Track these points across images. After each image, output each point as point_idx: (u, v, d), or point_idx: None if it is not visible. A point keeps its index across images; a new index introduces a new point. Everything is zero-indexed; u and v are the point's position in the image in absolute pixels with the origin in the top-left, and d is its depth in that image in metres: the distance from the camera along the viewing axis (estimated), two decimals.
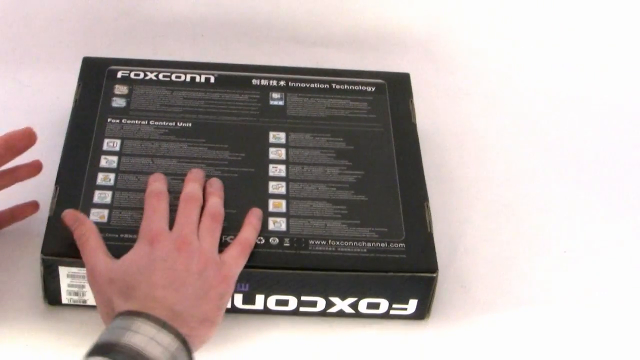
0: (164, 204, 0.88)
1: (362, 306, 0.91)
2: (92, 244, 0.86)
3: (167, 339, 0.77)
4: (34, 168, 0.95)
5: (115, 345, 0.75)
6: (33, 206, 0.96)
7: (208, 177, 0.94)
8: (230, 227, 0.90)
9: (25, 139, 0.92)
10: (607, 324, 0.95)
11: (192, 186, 0.91)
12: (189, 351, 0.78)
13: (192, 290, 0.82)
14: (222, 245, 0.87)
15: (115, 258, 0.85)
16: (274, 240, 0.90)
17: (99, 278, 0.84)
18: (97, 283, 0.84)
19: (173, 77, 1.05)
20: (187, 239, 0.85)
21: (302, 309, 0.91)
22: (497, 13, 1.25)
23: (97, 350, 0.75)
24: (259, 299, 0.90)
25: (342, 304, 0.91)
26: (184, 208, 0.88)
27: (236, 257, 0.86)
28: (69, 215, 0.88)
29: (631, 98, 1.21)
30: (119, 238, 0.88)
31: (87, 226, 0.87)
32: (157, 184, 0.91)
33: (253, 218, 0.90)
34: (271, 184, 0.95)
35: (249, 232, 0.89)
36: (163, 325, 0.78)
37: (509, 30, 1.25)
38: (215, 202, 0.90)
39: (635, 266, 1.00)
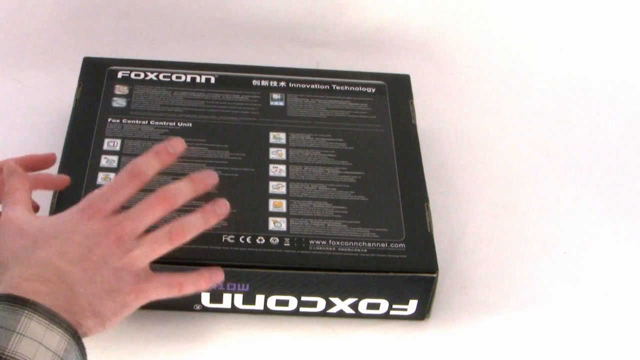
0: (135, 187, 0.81)
1: (362, 306, 0.91)
2: (17, 196, 0.80)
3: (56, 338, 0.69)
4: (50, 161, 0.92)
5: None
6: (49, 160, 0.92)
7: None
8: (230, 227, 0.90)
9: (44, 162, 0.91)
10: (607, 325, 0.95)
11: (182, 186, 0.82)
12: (79, 343, 0.72)
13: (100, 279, 0.75)
14: None
15: (37, 215, 0.80)
16: (274, 240, 0.90)
17: (8, 226, 0.77)
18: (4, 232, 0.77)
19: (173, 78, 1.05)
20: (125, 235, 0.78)
21: (302, 309, 0.91)
22: (497, 14, 1.25)
23: None
24: (259, 299, 0.90)
25: (342, 304, 0.91)
26: (150, 203, 0.80)
27: (160, 285, 0.79)
28: (8, 167, 0.83)
29: (631, 98, 1.21)
30: None
31: (20, 179, 0.82)
32: (150, 161, 0.82)
33: (205, 275, 0.83)
34: (272, 183, 0.95)
35: (189, 281, 0.82)
36: (52, 318, 0.70)
37: (509, 31, 1.25)
38: (189, 224, 0.81)
39: (635, 266, 1.00)
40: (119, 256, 0.77)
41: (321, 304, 0.91)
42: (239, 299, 0.90)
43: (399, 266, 0.89)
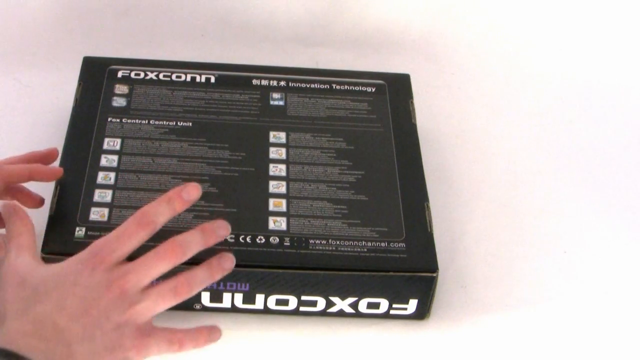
0: (143, 237, 0.77)
1: (362, 306, 0.91)
2: (23, 242, 0.78)
3: None
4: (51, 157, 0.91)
5: None
6: (53, 173, 0.90)
7: (209, 178, 0.94)
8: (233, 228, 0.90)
9: (46, 158, 0.90)
10: (607, 324, 0.95)
11: (193, 238, 0.78)
12: None
13: (100, 337, 0.73)
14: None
15: (43, 263, 0.78)
16: (275, 240, 0.90)
17: (12, 276, 0.75)
18: (6, 280, 0.75)
19: (173, 77, 1.05)
20: (126, 285, 0.75)
21: (302, 308, 0.91)
22: (498, 14, 1.25)
23: None
24: (259, 298, 0.90)
25: (342, 304, 0.91)
26: (158, 255, 0.76)
27: (164, 341, 0.77)
28: (7, 206, 0.81)
29: (632, 98, 1.21)
30: None
31: (23, 222, 0.80)
32: (161, 209, 0.78)
33: (203, 335, 0.80)
34: (272, 183, 0.95)
35: (188, 339, 0.79)
36: None
37: (509, 31, 1.25)
38: (195, 278, 0.78)
39: (635, 266, 1.00)
40: (122, 310, 0.74)
41: (321, 303, 0.91)
42: (239, 298, 0.90)
43: (399, 266, 0.89)
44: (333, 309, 0.91)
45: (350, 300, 0.90)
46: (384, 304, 0.91)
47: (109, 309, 0.74)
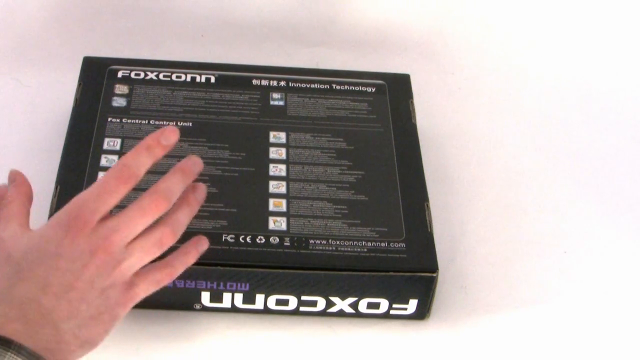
0: (124, 191, 0.74)
1: (362, 306, 0.91)
2: (12, 211, 0.76)
3: None
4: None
5: None
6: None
7: (208, 177, 0.94)
8: (230, 227, 0.90)
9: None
10: (608, 325, 0.95)
11: (174, 183, 0.76)
12: None
13: (86, 308, 0.71)
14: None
15: (30, 229, 0.75)
16: (275, 240, 0.90)
17: (1, 257, 0.73)
18: None
19: (173, 77, 1.05)
20: (111, 247, 0.72)
21: (302, 308, 0.91)
22: (497, 14, 1.25)
23: None
24: (259, 298, 0.90)
25: (342, 304, 0.91)
26: (142, 208, 0.74)
27: (150, 284, 0.76)
28: (10, 174, 0.79)
29: (632, 98, 1.21)
30: None
31: (18, 189, 0.77)
32: (141, 159, 0.75)
33: (193, 249, 0.79)
34: (272, 183, 0.95)
35: (179, 262, 0.78)
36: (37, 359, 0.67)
37: (509, 31, 1.25)
38: (178, 222, 0.76)
39: (635, 266, 1.00)
40: (107, 274, 0.72)
41: (321, 303, 0.91)
42: (239, 298, 0.90)
43: (399, 266, 0.89)
44: (333, 309, 0.91)
45: (350, 300, 0.90)
46: (384, 304, 0.91)
47: (94, 276, 0.71)
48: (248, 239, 0.90)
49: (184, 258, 0.79)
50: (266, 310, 0.91)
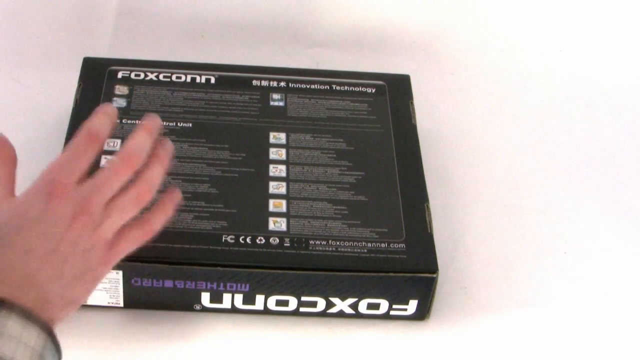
0: (94, 151, 0.76)
1: (362, 307, 0.91)
2: None
3: (33, 335, 0.68)
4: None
5: None
6: None
7: (209, 178, 0.94)
8: (230, 227, 0.90)
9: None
10: (608, 326, 0.95)
11: (141, 142, 0.78)
12: (54, 341, 0.70)
13: (69, 270, 0.73)
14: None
15: (14, 196, 0.76)
16: (275, 240, 0.90)
17: None
18: None
19: (173, 78, 1.05)
20: (91, 208, 0.73)
21: (302, 309, 0.91)
22: (498, 14, 1.25)
23: None
24: (259, 299, 0.90)
25: (342, 305, 0.91)
26: (116, 168, 0.76)
27: (131, 242, 0.77)
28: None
29: (632, 98, 1.21)
30: None
31: (1, 154, 0.78)
32: (102, 120, 0.77)
33: (169, 203, 0.81)
34: (272, 184, 0.95)
35: (157, 218, 0.80)
36: (28, 317, 0.68)
37: (509, 31, 1.25)
38: (152, 177, 0.78)
39: (635, 267, 1.00)
40: (88, 235, 0.74)
41: (321, 304, 0.91)
42: (239, 299, 0.90)
43: (399, 266, 0.89)
44: (333, 310, 0.91)
45: (350, 301, 0.90)
46: (384, 304, 0.91)
47: (76, 239, 0.73)
48: (248, 240, 0.90)
49: (161, 213, 0.80)
50: (266, 311, 0.91)
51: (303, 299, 0.90)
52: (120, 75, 1.05)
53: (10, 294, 0.69)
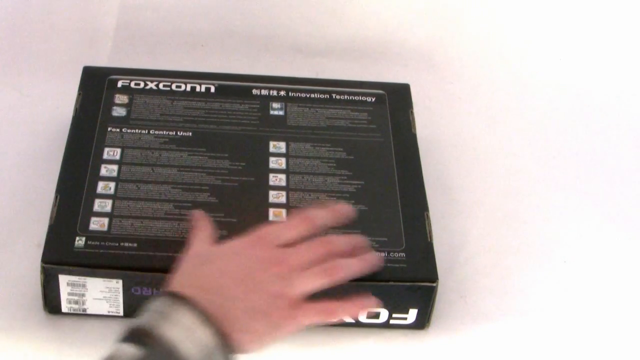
0: (305, 230, 0.85)
1: (362, 316, 0.91)
2: (203, 233, 0.87)
3: (207, 334, 0.74)
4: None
5: (148, 335, 0.72)
6: None
7: (209, 187, 0.94)
8: (230, 236, 0.90)
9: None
10: (607, 334, 0.95)
11: (342, 240, 0.87)
12: (228, 349, 0.75)
13: (254, 299, 0.79)
14: None
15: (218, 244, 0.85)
16: None
17: (190, 253, 0.84)
18: (188, 259, 0.83)
19: (173, 87, 1.05)
20: (287, 263, 0.81)
21: None
22: (497, 23, 1.25)
23: (129, 335, 0.73)
24: None
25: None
26: (316, 245, 0.84)
27: (315, 313, 0.82)
28: (194, 214, 0.90)
29: (631, 106, 1.21)
30: (119, 247, 0.88)
31: (204, 221, 0.89)
32: (323, 214, 0.87)
33: (354, 308, 0.86)
34: (271, 193, 0.95)
35: (343, 307, 0.84)
36: (207, 318, 0.74)
37: (508, 40, 1.25)
38: (350, 264, 0.85)
39: (635, 276, 1.00)
40: (278, 283, 0.80)
41: None
42: None
43: (399, 275, 0.89)
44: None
45: None
46: (383, 313, 0.91)
47: (266, 279, 0.80)
48: None
49: (347, 306, 0.84)
50: None
51: None
52: (120, 84, 1.05)
53: (197, 295, 0.76)
